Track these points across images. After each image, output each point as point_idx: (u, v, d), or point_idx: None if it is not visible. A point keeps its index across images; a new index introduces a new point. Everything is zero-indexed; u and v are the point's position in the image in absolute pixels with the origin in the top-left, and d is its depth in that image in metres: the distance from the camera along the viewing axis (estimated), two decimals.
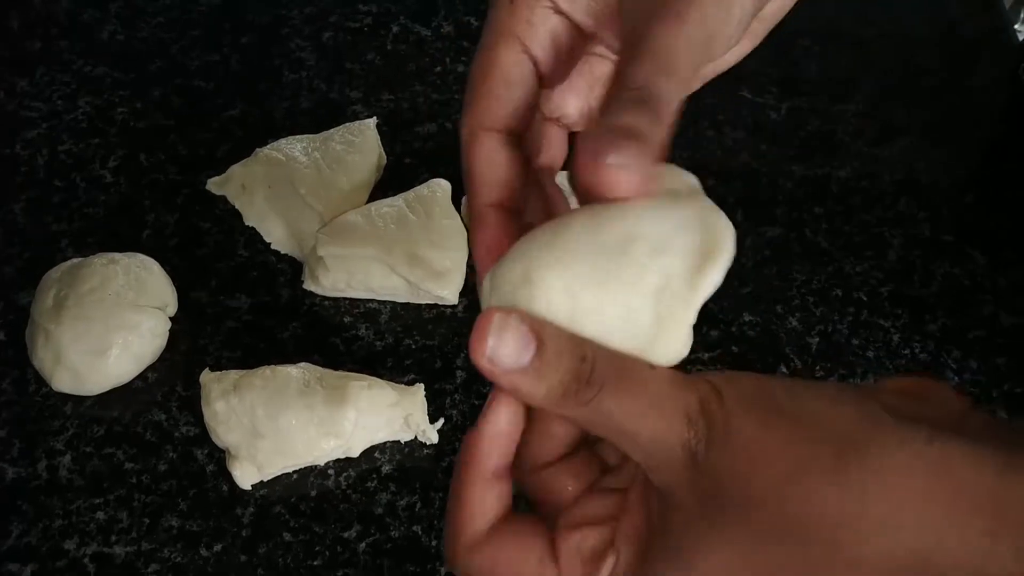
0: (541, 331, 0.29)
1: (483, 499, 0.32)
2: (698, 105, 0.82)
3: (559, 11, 0.36)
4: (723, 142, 0.79)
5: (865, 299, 0.70)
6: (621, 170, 0.29)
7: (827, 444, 0.27)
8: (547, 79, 0.37)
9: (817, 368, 0.66)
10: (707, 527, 0.28)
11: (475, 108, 0.36)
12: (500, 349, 0.29)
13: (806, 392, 0.28)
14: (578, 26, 0.36)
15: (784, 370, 0.66)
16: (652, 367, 0.29)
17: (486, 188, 0.35)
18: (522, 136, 0.36)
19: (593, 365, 0.29)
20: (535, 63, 0.36)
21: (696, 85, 0.34)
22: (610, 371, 0.29)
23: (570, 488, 0.33)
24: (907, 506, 0.26)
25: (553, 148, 0.39)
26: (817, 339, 0.68)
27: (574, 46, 0.37)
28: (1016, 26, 1.21)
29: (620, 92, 0.31)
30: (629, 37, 0.32)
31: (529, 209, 0.36)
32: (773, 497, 0.27)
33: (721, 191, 0.76)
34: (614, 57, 0.36)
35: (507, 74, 0.35)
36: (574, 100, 0.38)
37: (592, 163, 0.29)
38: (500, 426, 0.32)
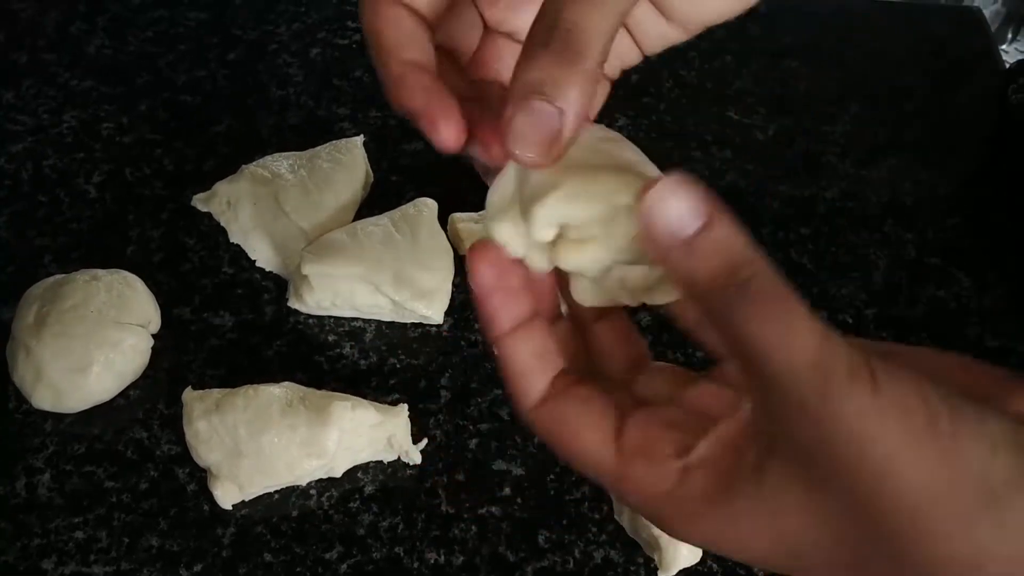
0: (715, 214, 0.26)
1: (521, 350, 0.31)
2: (685, 125, 0.82)
3: None
4: (710, 162, 0.79)
5: (850, 321, 0.70)
6: (523, 145, 0.28)
7: (975, 491, 0.24)
8: None
9: None
10: (806, 501, 0.26)
11: None
12: (659, 208, 0.26)
13: (966, 419, 0.25)
14: None
15: None
16: (814, 316, 0.26)
17: (400, 47, 0.32)
18: (435, 30, 0.34)
19: (754, 275, 0.26)
20: None
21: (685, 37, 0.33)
22: (765, 280, 0.26)
23: (662, 390, 0.31)
24: None
25: (504, 62, 0.36)
26: None
27: None
28: (1002, 47, 1.22)
29: (537, 28, 0.28)
30: None
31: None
32: (895, 519, 0.25)
33: None
34: None
35: None
36: (523, 10, 0.35)
37: (503, 130, 0.28)
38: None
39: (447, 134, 0.31)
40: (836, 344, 0.25)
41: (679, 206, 0.26)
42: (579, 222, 0.29)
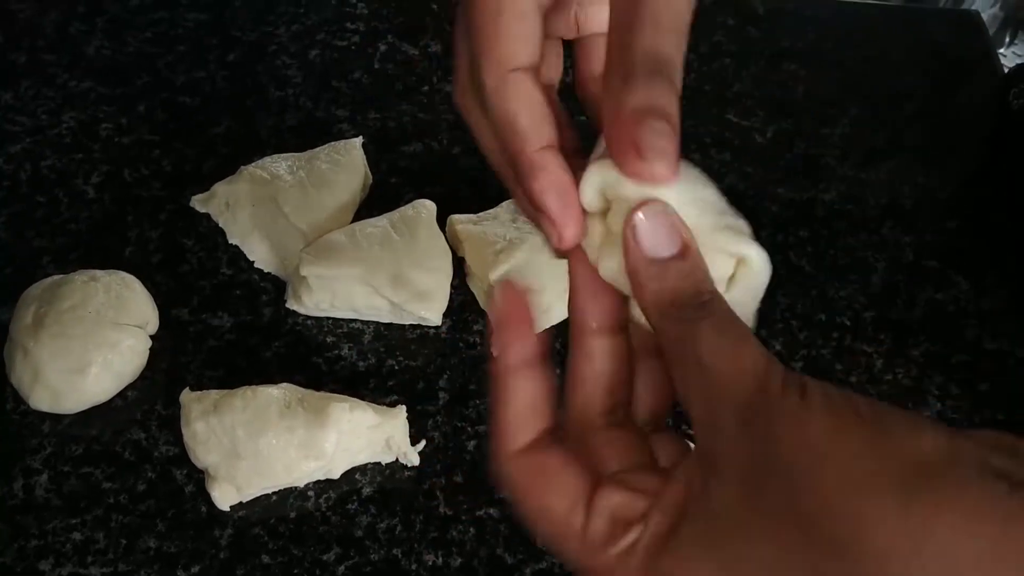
0: (688, 238, 0.30)
1: (520, 394, 0.32)
2: (684, 127, 0.82)
3: None
4: (709, 164, 0.79)
5: (849, 324, 0.70)
6: (662, 159, 0.30)
7: (902, 465, 0.25)
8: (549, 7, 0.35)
9: None
10: (747, 512, 0.27)
11: (495, 50, 0.33)
12: (648, 233, 0.30)
13: (891, 412, 0.26)
14: None
15: None
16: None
17: (536, 131, 0.33)
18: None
19: (713, 295, 0.29)
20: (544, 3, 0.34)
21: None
22: (723, 306, 0.29)
23: (616, 462, 0.32)
24: (969, 553, 0.24)
25: (550, 62, 0.37)
26: (801, 364, 0.68)
27: None
28: (1000, 51, 1.22)
29: (628, 60, 0.30)
30: None
31: None
32: (830, 504, 0.25)
33: None
34: None
35: (520, 7, 0.33)
36: (565, 13, 0.37)
37: (634, 157, 0.30)
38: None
39: (572, 235, 0.33)
40: (775, 363, 0.28)
41: (662, 230, 0.30)
42: (617, 194, 0.31)
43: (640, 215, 0.30)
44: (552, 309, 0.63)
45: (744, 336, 0.28)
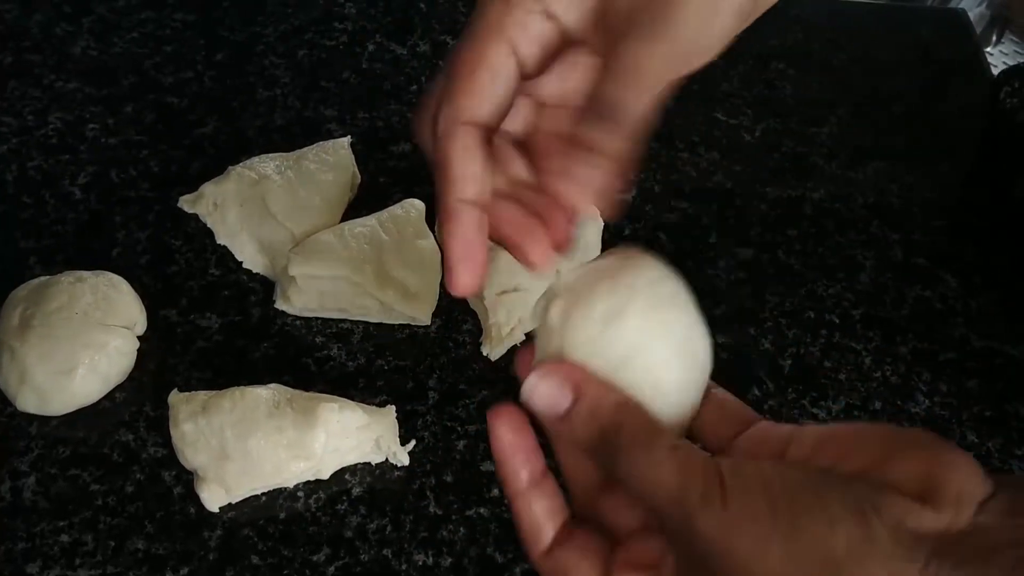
0: (582, 387, 0.33)
1: (534, 507, 0.35)
2: (673, 126, 0.82)
3: (551, 16, 0.36)
4: (697, 163, 0.79)
5: (837, 321, 0.70)
6: (581, 182, 0.34)
7: (822, 562, 0.27)
8: (528, 78, 0.37)
9: (789, 391, 0.66)
10: None
11: (457, 100, 0.35)
12: (543, 396, 0.33)
13: (807, 506, 0.28)
14: (566, 31, 0.36)
15: (757, 392, 0.66)
16: (675, 444, 0.31)
17: (461, 183, 0.35)
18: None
19: (620, 430, 0.32)
20: (520, 64, 0.36)
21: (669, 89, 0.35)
22: (634, 438, 0.31)
23: (627, 521, 0.36)
24: None
25: (517, 115, 0.39)
26: (790, 361, 0.68)
27: (559, 50, 0.37)
28: (987, 49, 1.23)
29: (590, 106, 0.34)
30: (608, 51, 0.34)
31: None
32: None
33: (695, 212, 0.76)
34: (597, 58, 0.37)
35: (494, 70, 0.35)
36: (549, 83, 0.39)
37: (557, 175, 0.34)
38: (506, 439, 0.35)
39: (464, 284, 0.36)
40: (693, 465, 0.30)
41: (550, 390, 0.33)
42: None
43: (532, 379, 0.33)
44: None
45: (655, 450, 0.31)
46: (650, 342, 0.33)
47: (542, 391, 0.33)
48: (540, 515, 0.35)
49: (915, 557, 0.26)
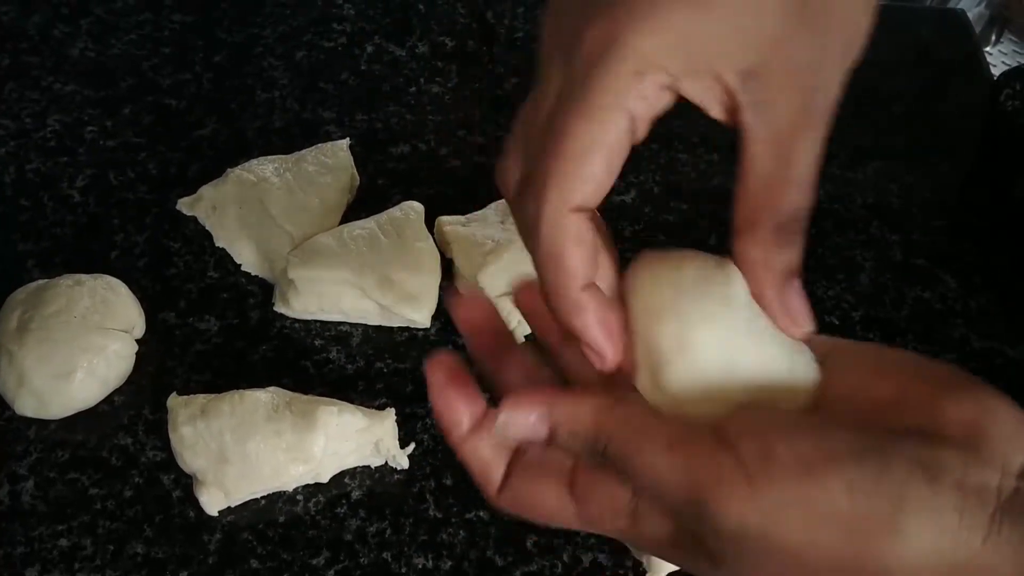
0: (554, 409, 0.32)
1: (481, 449, 0.35)
2: (672, 128, 0.82)
3: (674, 89, 0.33)
4: (697, 164, 0.79)
5: (837, 323, 0.70)
6: (803, 316, 0.33)
7: (844, 534, 0.27)
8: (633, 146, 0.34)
9: None
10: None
11: (570, 185, 0.31)
12: (511, 429, 0.33)
13: (861, 470, 0.27)
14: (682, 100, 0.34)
15: None
16: (671, 442, 0.30)
17: (582, 274, 0.32)
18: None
19: (609, 440, 0.31)
20: (633, 140, 0.33)
21: None
22: (624, 447, 0.31)
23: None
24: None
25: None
26: None
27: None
28: (986, 49, 1.23)
29: (773, 221, 0.33)
30: (770, 147, 0.33)
31: None
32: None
33: (695, 214, 0.76)
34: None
35: (612, 154, 0.31)
36: None
37: (783, 316, 0.33)
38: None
39: (610, 363, 0.33)
40: (700, 459, 0.29)
41: (526, 421, 0.32)
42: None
43: (502, 416, 0.33)
44: None
45: (654, 458, 0.30)
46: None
47: (517, 424, 0.32)
48: (488, 454, 0.35)
49: (982, 515, 0.26)
